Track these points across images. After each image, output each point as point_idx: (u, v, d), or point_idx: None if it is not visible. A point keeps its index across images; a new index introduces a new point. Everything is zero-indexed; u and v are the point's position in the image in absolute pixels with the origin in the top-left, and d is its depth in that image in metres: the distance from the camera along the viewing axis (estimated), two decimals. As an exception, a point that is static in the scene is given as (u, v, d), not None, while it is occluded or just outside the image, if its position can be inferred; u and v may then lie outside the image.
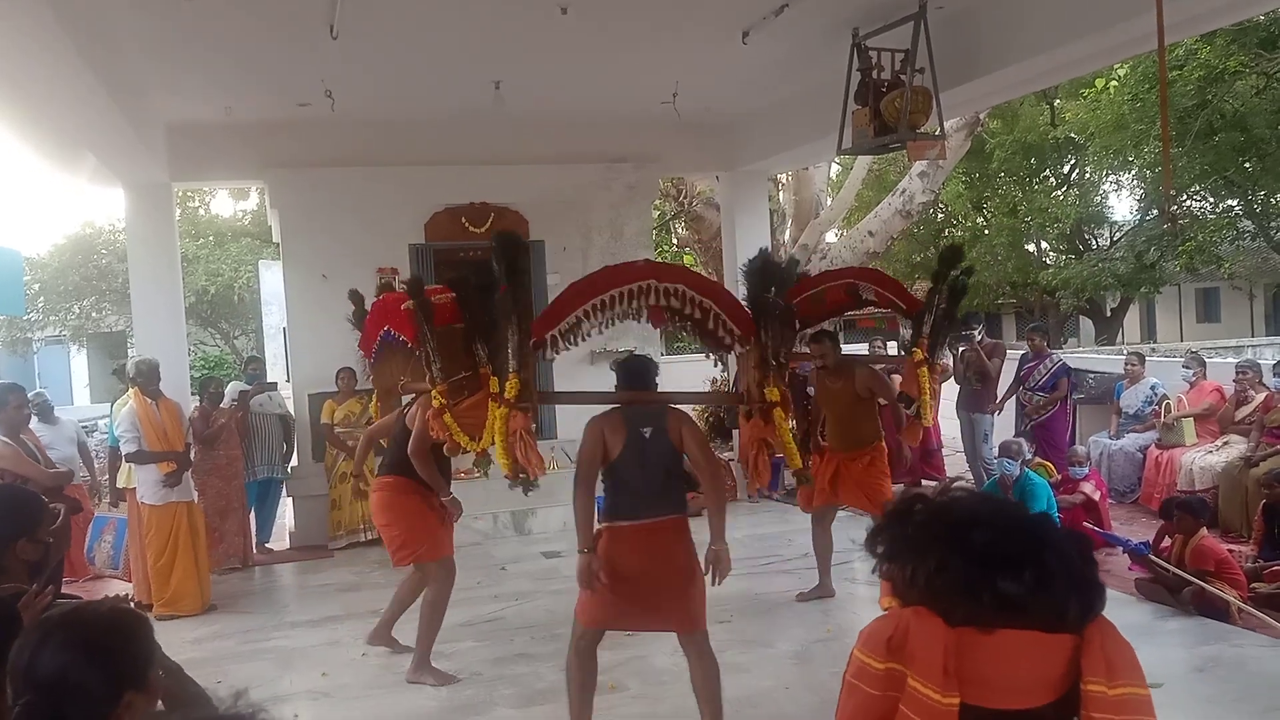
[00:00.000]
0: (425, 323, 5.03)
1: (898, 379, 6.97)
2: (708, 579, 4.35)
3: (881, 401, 6.52)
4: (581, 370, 9.98)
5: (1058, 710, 1.24)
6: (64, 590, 4.47)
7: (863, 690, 1.29)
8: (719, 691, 4.33)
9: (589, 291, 4.38)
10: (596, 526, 4.39)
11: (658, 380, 4.60)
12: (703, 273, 14.35)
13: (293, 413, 9.44)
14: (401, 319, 5.32)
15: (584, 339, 4.51)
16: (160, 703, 1.97)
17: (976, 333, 9.69)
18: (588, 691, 4.37)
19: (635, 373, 4.52)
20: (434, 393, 5.02)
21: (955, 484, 5.00)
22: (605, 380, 10.40)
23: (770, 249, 11.36)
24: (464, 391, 5.26)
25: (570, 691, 4.39)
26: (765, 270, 4.49)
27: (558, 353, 4.50)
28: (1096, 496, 7.93)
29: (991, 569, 1.23)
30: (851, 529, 8.78)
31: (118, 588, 7.71)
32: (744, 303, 4.60)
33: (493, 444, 4.68)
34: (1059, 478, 8.06)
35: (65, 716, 1.66)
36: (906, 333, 6.37)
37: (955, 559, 1.25)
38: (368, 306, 6.21)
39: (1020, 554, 1.24)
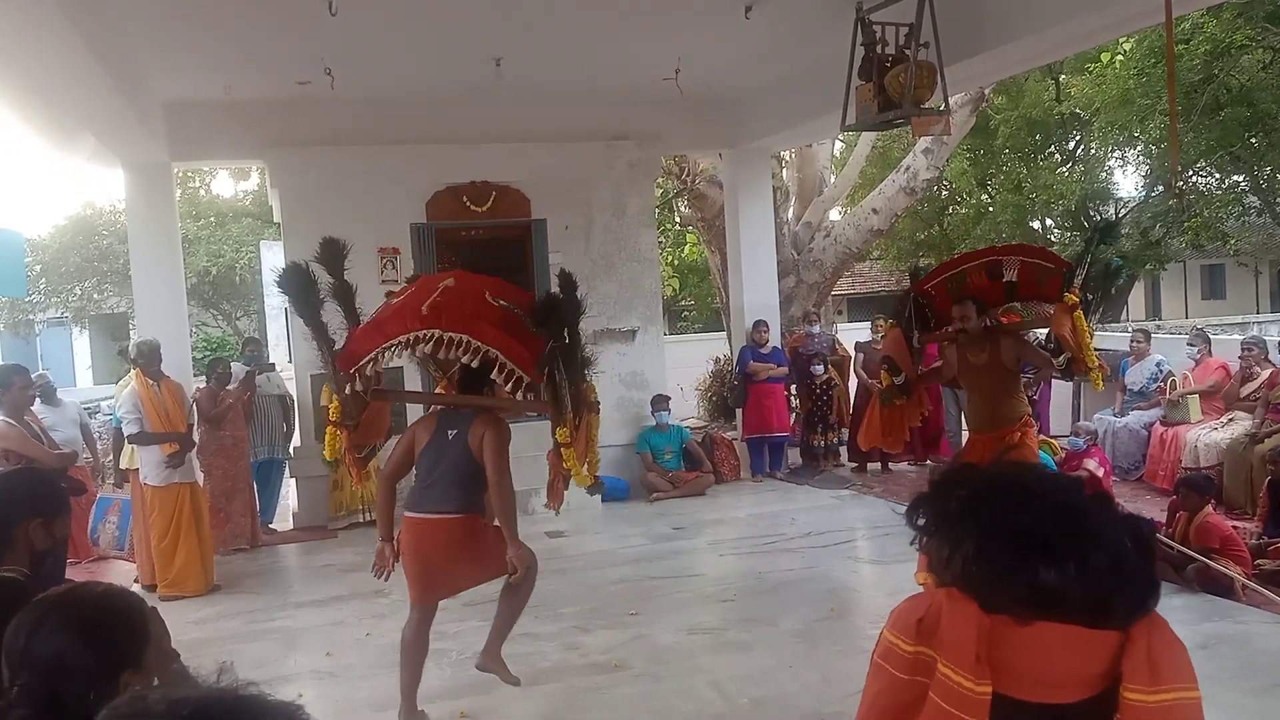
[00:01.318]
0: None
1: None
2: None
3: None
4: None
5: (1096, 705, 1.17)
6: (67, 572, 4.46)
7: (889, 672, 1.23)
8: (517, 611, 4.74)
9: (379, 336, 4.48)
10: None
11: (490, 385, 4.63)
12: (708, 252, 14.28)
13: (293, 394, 9.44)
14: None
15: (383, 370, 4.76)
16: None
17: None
18: (416, 665, 4.64)
19: (464, 377, 4.66)
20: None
21: (1007, 454, 4.87)
22: (607, 359, 10.42)
23: (773, 228, 11.37)
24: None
25: (401, 660, 4.65)
26: (554, 311, 4.43)
27: (364, 385, 4.65)
28: (1100, 473, 7.93)
29: (1032, 557, 1.14)
30: (851, 506, 8.80)
31: (123, 568, 7.74)
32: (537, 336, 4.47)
33: None
34: (1063, 455, 8.06)
35: (62, 698, 1.66)
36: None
37: (994, 543, 1.16)
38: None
39: (1065, 542, 1.14)
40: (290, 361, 10.14)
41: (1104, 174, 24.30)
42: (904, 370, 6.17)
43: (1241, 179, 21.45)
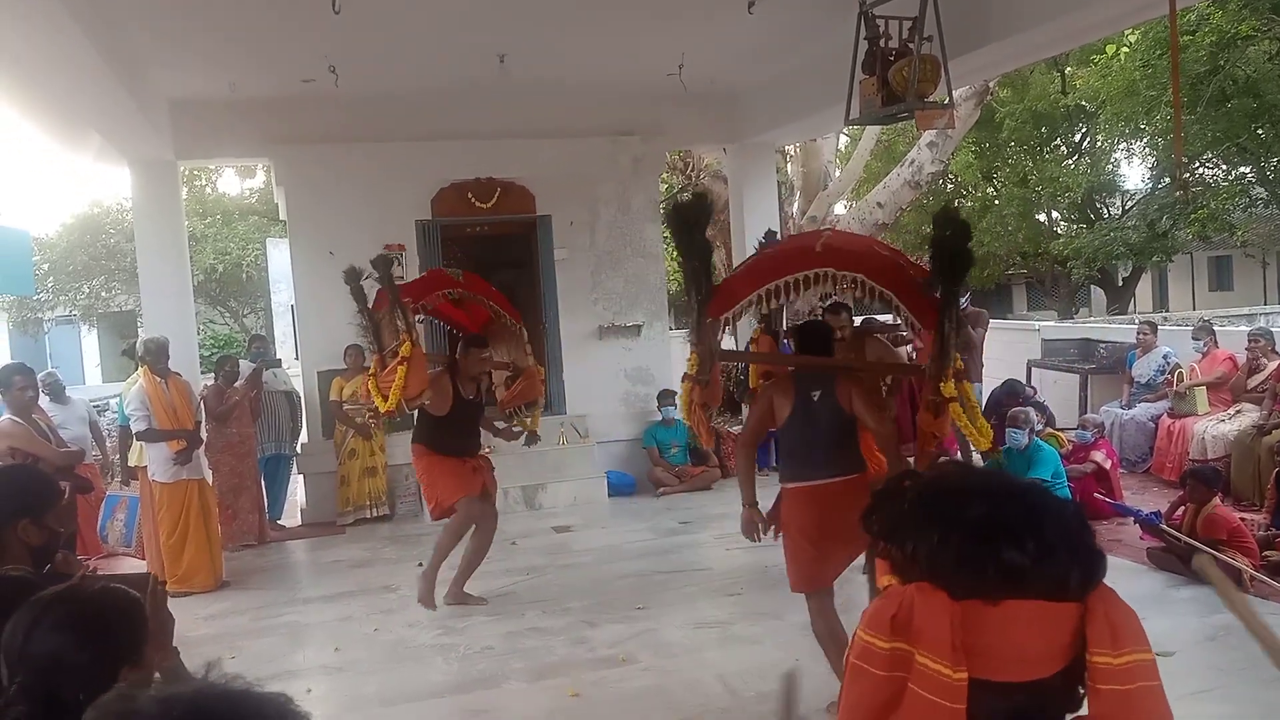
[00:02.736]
0: (361, 305, 6.16)
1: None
2: None
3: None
4: (590, 344, 9.98)
5: (1065, 679, 1.24)
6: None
7: (868, 672, 1.28)
8: None
9: (763, 277, 4.44)
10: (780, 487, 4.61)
11: (832, 346, 4.74)
12: (713, 247, 14.28)
13: (299, 390, 9.46)
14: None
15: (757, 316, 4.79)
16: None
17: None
18: (839, 643, 4.42)
19: (810, 337, 4.65)
20: (374, 361, 6.23)
21: (942, 459, 4.90)
22: (613, 354, 10.42)
23: (778, 222, 11.35)
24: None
25: (826, 650, 4.46)
26: (956, 257, 4.08)
27: (731, 330, 4.74)
28: (1108, 466, 7.91)
29: (994, 540, 1.22)
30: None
31: (131, 565, 7.78)
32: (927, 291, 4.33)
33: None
34: (1069, 447, 8.04)
35: (60, 696, 1.66)
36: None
37: (955, 533, 1.25)
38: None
39: (1020, 523, 1.23)
40: (297, 358, 10.16)
41: (1110, 166, 24.25)
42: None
43: (1248, 170, 21.39)
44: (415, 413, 6.48)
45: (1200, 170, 21.39)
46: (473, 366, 6.22)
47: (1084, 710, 1.29)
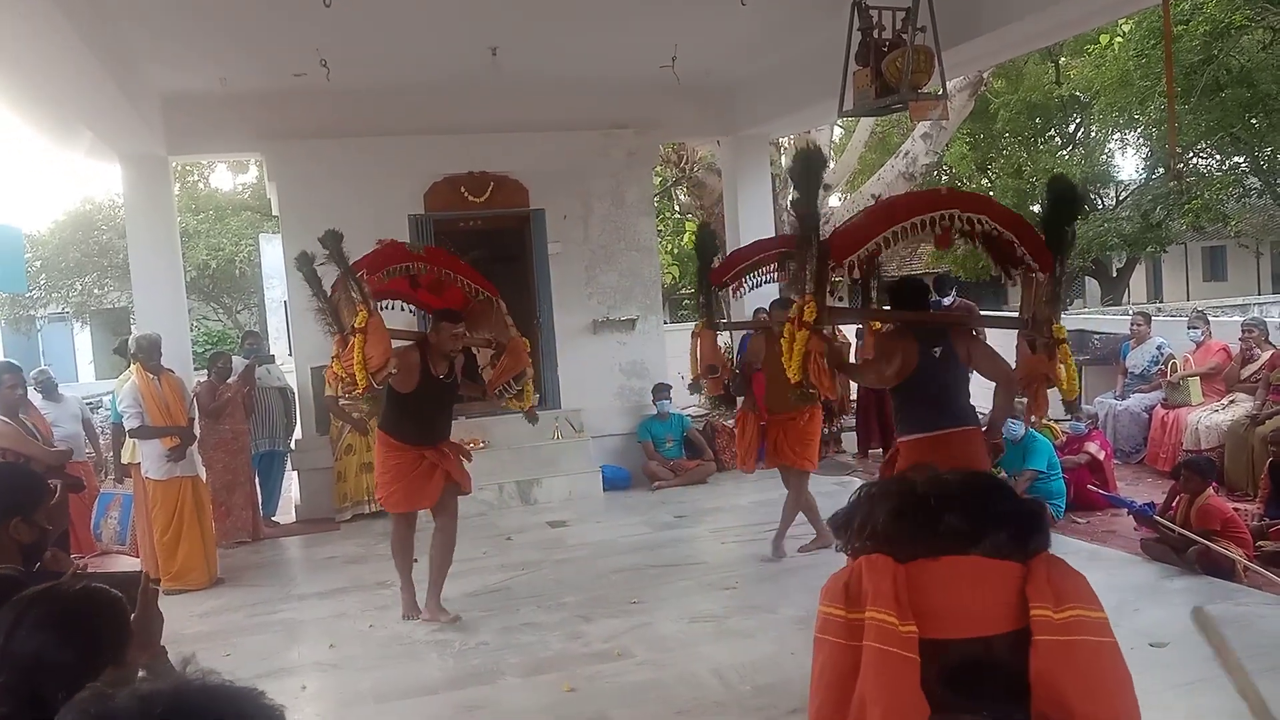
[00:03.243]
0: (316, 289, 5.68)
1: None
2: None
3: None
4: (584, 338, 9.97)
5: (1018, 640, 1.24)
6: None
7: (830, 642, 1.31)
8: None
9: (890, 218, 4.61)
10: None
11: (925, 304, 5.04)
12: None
13: (293, 386, 9.43)
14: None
15: (879, 262, 4.98)
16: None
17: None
18: None
19: (906, 296, 4.89)
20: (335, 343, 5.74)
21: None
22: (607, 349, 10.41)
23: (773, 214, 11.34)
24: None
25: None
26: (1071, 203, 4.46)
27: (855, 276, 4.90)
28: (1101, 456, 7.92)
29: (939, 506, 1.28)
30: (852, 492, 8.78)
31: (126, 563, 7.75)
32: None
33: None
34: (1064, 439, 8.05)
35: (44, 695, 1.65)
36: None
37: (904, 503, 1.31)
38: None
39: (962, 496, 1.30)
40: (290, 354, 10.13)
41: (1104, 156, 24.25)
42: (723, 372, 6.60)
43: (1242, 160, 21.41)
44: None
45: (1194, 160, 21.41)
46: (445, 342, 5.78)
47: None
